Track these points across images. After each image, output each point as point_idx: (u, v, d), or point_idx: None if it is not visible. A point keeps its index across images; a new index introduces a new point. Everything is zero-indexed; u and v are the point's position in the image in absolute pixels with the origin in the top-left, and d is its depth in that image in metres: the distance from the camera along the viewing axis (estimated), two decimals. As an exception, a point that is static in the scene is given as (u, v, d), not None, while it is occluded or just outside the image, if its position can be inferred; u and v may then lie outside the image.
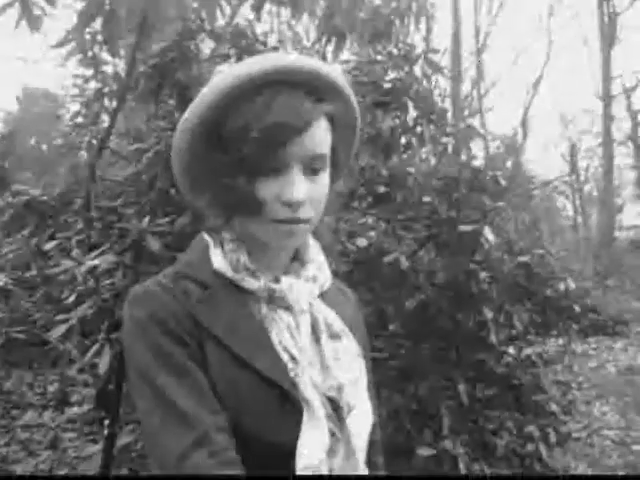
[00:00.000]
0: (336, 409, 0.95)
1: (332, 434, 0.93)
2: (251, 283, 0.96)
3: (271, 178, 0.92)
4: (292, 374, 0.91)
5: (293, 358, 0.93)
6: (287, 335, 0.95)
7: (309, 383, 0.92)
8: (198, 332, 0.91)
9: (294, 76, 0.92)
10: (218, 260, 0.98)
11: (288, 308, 0.97)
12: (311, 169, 0.94)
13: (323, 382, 0.95)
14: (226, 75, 0.93)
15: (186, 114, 0.96)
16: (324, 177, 0.97)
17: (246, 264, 0.97)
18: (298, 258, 1.06)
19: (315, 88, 0.94)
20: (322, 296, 1.05)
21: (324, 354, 0.97)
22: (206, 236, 1.03)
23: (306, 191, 0.92)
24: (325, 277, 1.06)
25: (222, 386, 0.89)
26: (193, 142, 0.97)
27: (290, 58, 0.94)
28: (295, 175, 0.92)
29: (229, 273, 0.97)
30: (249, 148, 0.90)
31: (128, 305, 0.95)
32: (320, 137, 0.94)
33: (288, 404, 0.90)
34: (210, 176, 0.97)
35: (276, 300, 0.97)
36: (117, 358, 2.69)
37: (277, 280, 0.98)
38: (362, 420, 0.98)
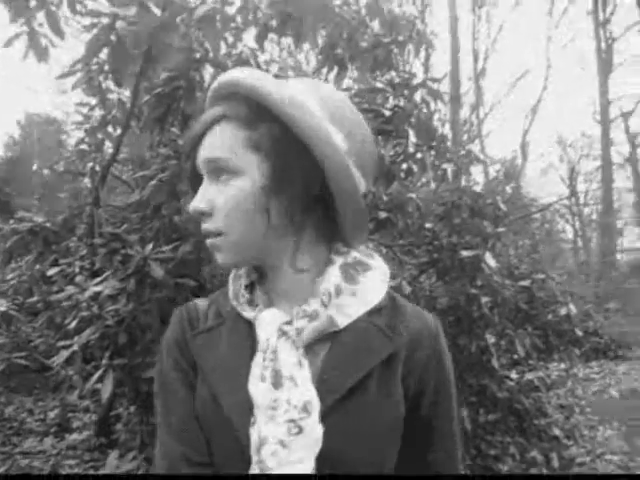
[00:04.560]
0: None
1: None
2: (247, 311, 0.93)
3: None
4: (252, 420, 0.84)
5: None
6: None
7: (255, 433, 0.83)
8: (194, 358, 0.94)
9: (221, 91, 0.92)
10: (230, 288, 0.98)
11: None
12: (215, 176, 0.89)
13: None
14: None
15: None
16: (232, 184, 0.87)
17: (242, 291, 0.95)
18: (311, 288, 0.92)
19: (234, 97, 0.90)
20: (336, 334, 0.90)
21: (258, 401, 0.84)
22: None
23: (207, 199, 0.89)
24: (337, 314, 0.89)
25: (199, 413, 0.90)
26: None
27: (223, 75, 0.92)
28: (202, 185, 0.91)
29: (233, 301, 0.95)
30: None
31: None
32: (217, 140, 0.88)
33: (242, 452, 0.84)
34: None
35: None
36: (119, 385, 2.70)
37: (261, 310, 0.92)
38: None
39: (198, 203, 0.88)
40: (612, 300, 13.63)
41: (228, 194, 0.87)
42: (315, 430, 0.82)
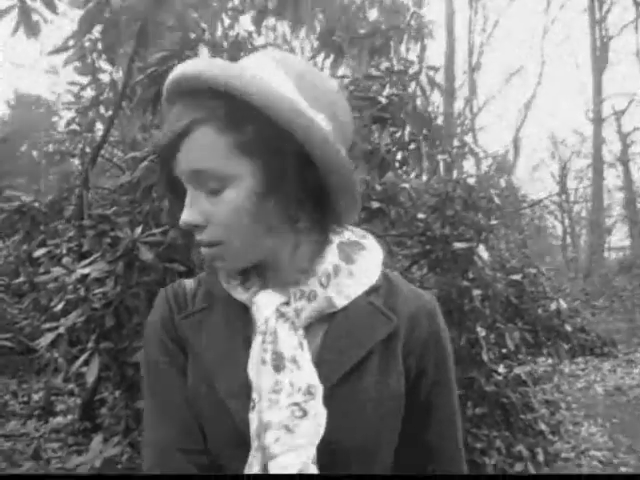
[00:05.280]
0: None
1: None
2: (239, 293, 0.89)
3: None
4: (251, 404, 0.81)
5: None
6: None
7: (256, 419, 0.80)
8: (183, 340, 0.91)
9: (184, 85, 0.81)
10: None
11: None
12: (204, 185, 0.81)
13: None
14: None
15: None
16: (225, 193, 0.80)
17: (234, 273, 0.91)
18: (309, 269, 0.89)
19: (201, 95, 0.80)
20: (333, 315, 0.88)
21: (260, 385, 0.81)
22: None
23: (200, 211, 0.82)
24: (335, 294, 0.87)
25: (191, 397, 0.87)
26: None
27: (183, 66, 0.82)
28: (189, 196, 0.83)
29: (224, 283, 0.92)
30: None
31: None
32: (200, 148, 0.79)
33: (240, 438, 0.82)
34: None
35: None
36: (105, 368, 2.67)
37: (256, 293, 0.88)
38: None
39: (191, 217, 0.82)
40: (600, 297, 13.73)
41: (223, 204, 0.81)
42: (319, 413, 0.80)
